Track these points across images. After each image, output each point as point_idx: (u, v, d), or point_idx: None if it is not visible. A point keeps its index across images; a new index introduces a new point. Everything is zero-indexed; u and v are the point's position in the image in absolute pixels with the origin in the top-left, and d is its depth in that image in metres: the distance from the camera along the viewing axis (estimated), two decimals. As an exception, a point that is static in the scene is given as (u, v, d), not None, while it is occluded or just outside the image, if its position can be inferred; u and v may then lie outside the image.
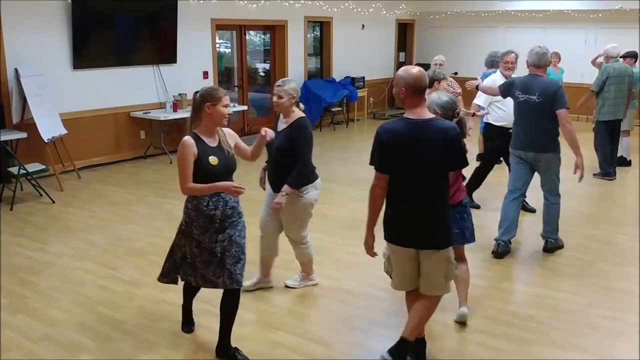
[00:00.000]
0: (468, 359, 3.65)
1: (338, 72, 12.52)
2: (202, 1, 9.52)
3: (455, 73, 13.46)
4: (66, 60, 8.10)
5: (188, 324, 3.94)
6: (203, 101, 3.35)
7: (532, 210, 6.35)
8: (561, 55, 10.27)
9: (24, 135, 7.26)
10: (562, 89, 5.02)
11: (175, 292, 4.51)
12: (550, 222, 5.30)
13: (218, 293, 4.14)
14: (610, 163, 8.02)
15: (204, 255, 3.44)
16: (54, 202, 6.82)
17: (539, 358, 3.66)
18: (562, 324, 4.05)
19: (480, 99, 6.36)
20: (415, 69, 3.20)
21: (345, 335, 3.90)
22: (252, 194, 4.31)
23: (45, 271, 4.97)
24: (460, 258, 3.89)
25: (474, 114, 6.37)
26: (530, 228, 5.98)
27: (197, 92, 3.42)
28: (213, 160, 3.36)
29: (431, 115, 3.24)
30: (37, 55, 7.70)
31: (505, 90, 5.32)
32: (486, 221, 5.87)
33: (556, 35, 12.48)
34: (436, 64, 6.85)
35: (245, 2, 10.13)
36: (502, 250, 5.19)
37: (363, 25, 13.06)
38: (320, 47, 12.63)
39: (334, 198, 6.77)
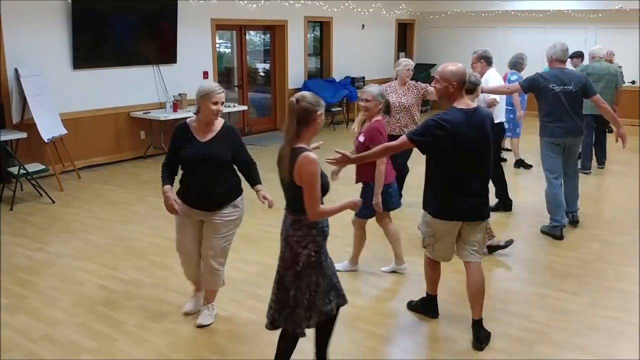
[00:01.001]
0: (468, 358, 3.65)
1: (338, 72, 12.52)
2: (202, 1, 9.52)
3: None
4: (66, 60, 8.10)
5: None
6: (313, 110, 2.96)
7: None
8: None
9: (24, 135, 7.26)
10: (588, 77, 5.74)
11: (175, 292, 4.52)
12: (574, 194, 5.86)
13: (221, 296, 4.14)
14: (589, 157, 8.25)
15: (325, 281, 3.11)
16: (54, 202, 6.82)
17: (539, 358, 3.66)
18: (562, 324, 4.05)
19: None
20: (458, 65, 3.58)
21: (345, 335, 3.89)
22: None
23: (45, 271, 4.97)
24: (387, 221, 4.76)
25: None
26: (530, 228, 5.98)
27: (298, 100, 2.95)
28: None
29: (474, 104, 3.66)
30: (37, 55, 7.69)
31: (531, 85, 5.58)
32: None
33: (556, 35, 12.36)
34: (409, 70, 6.18)
35: (245, 2, 10.13)
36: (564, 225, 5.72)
37: (363, 25, 13.06)
38: (320, 47, 12.62)
39: (333, 198, 6.75)
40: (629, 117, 12.01)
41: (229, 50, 11.26)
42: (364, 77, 12.67)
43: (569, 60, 8.96)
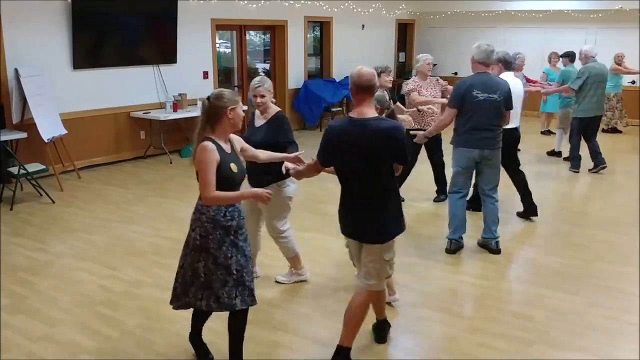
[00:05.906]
0: (468, 359, 3.65)
1: (338, 72, 12.52)
2: (202, 1, 9.52)
3: (455, 73, 13.48)
4: (66, 60, 8.10)
5: (204, 354, 3.61)
6: (223, 106, 3.18)
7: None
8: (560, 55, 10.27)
9: (24, 135, 7.26)
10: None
11: (175, 292, 4.51)
12: (493, 217, 5.35)
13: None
14: (594, 156, 8.15)
15: (219, 272, 3.22)
16: (54, 202, 6.82)
17: (539, 358, 3.66)
18: (562, 324, 4.05)
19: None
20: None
21: (345, 335, 3.89)
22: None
23: (45, 271, 4.97)
24: None
25: None
26: (530, 228, 5.98)
27: (209, 97, 3.21)
28: (234, 167, 3.23)
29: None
30: (37, 55, 7.69)
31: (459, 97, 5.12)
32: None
33: (556, 35, 12.48)
34: (429, 64, 6.49)
35: (245, 2, 10.13)
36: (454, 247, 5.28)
37: (363, 25, 13.06)
38: (320, 47, 12.62)
39: (333, 197, 6.74)
40: (629, 117, 12.01)
41: (229, 50, 11.26)
42: (364, 77, 12.66)
43: (560, 60, 9.02)
